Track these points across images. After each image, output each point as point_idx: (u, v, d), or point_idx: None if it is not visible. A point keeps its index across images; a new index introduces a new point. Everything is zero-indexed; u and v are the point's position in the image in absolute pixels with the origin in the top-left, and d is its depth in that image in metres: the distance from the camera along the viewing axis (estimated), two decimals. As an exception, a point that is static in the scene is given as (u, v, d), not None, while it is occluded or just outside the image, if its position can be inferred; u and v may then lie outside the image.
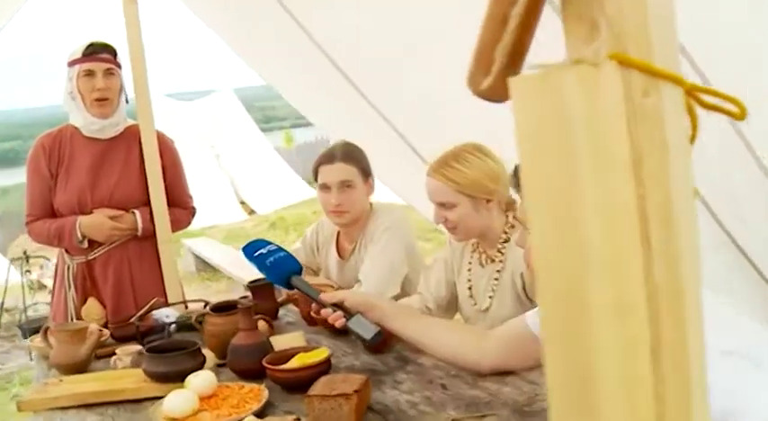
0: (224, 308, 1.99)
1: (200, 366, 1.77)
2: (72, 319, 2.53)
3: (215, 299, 2.37)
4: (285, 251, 1.83)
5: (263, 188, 10.91)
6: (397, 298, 2.26)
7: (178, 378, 1.70)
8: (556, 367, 0.50)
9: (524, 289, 1.91)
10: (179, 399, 1.57)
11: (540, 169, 0.47)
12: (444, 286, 2.15)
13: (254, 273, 2.09)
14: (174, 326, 2.29)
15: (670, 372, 0.47)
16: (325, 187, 2.34)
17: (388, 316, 1.66)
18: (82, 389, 1.78)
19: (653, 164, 0.47)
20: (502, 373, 1.60)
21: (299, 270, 1.80)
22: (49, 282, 4.68)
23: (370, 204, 2.44)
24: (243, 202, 11.23)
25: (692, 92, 0.51)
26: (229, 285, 5.96)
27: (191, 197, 2.75)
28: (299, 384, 1.65)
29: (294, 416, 1.44)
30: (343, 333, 2.02)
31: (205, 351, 1.85)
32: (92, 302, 2.48)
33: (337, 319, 1.66)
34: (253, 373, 1.76)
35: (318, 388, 1.49)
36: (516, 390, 1.52)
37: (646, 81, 0.47)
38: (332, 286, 2.29)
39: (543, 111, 0.46)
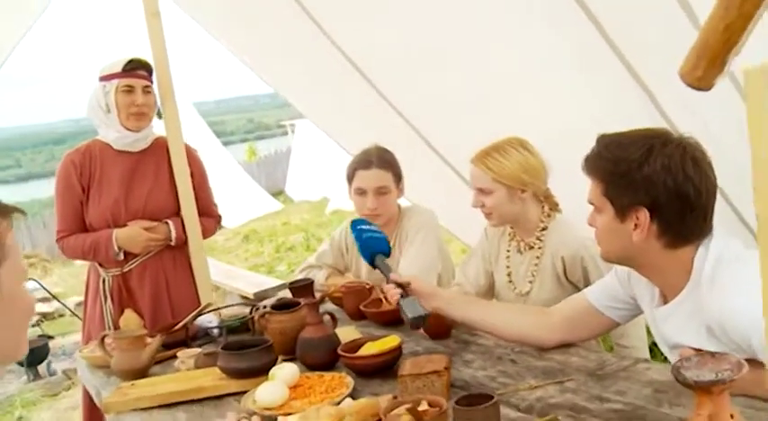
0: (283, 306, 2.10)
1: (275, 361, 1.87)
2: (110, 330, 2.59)
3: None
4: (382, 235, 1.93)
5: (229, 202, 10.81)
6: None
7: (255, 373, 1.81)
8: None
9: (565, 272, 2.09)
10: (270, 390, 1.68)
11: None
12: (483, 275, 2.32)
13: (251, 284, 2.14)
14: (217, 330, 2.38)
15: None
16: (360, 191, 2.46)
17: (451, 304, 1.79)
18: (163, 389, 1.86)
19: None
20: (562, 346, 1.76)
21: (387, 253, 1.90)
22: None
23: (398, 206, 2.58)
24: (210, 217, 11.14)
25: None
26: (219, 296, 5.99)
27: (216, 205, 2.85)
28: (376, 369, 1.78)
29: (392, 395, 1.56)
30: (390, 324, 2.17)
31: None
32: (129, 313, 2.53)
33: (394, 296, 1.77)
34: (324, 365, 1.87)
35: (408, 368, 1.61)
36: (583, 359, 1.69)
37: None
38: (365, 284, 2.43)
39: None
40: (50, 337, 5.84)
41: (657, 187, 1.38)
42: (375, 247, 1.89)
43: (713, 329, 1.33)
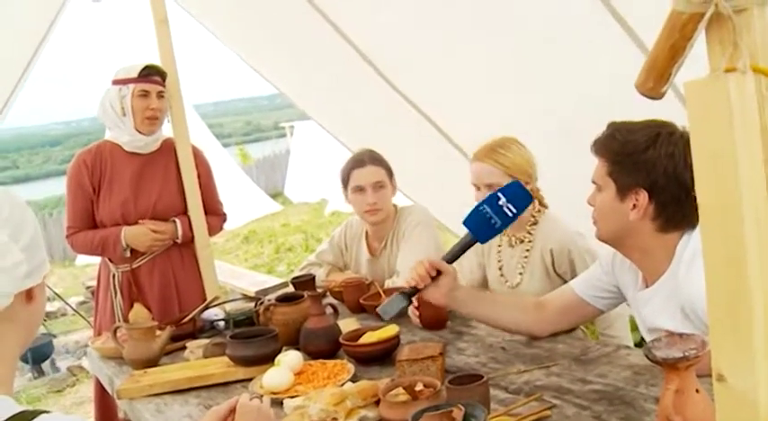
0: (286, 299, 2.22)
1: (279, 349, 1.99)
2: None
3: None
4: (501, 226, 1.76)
5: (229, 204, 10.90)
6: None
7: (262, 361, 1.92)
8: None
9: (553, 265, 2.21)
10: (277, 375, 1.80)
11: (707, 139, 0.76)
12: (477, 268, 2.44)
13: (253, 283, 2.18)
14: (223, 323, 2.50)
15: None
16: (359, 189, 2.57)
17: (463, 302, 1.86)
18: (175, 376, 1.98)
19: (772, 132, 0.76)
20: (550, 335, 1.89)
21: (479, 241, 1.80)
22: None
23: (394, 205, 2.69)
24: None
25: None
26: (222, 295, 6.09)
27: (221, 204, 2.97)
28: (375, 357, 1.91)
29: (390, 379, 1.68)
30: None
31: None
32: (138, 307, 2.65)
33: (411, 281, 1.77)
34: (326, 353, 1.99)
35: (405, 354, 1.73)
36: (568, 346, 1.81)
37: (767, 81, 0.76)
38: (365, 280, 2.54)
39: (711, 101, 0.75)
40: (54, 336, 5.95)
41: (658, 171, 1.49)
42: (481, 231, 1.73)
43: (687, 313, 1.46)
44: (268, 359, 1.91)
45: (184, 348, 2.22)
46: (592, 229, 1.73)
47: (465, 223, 1.75)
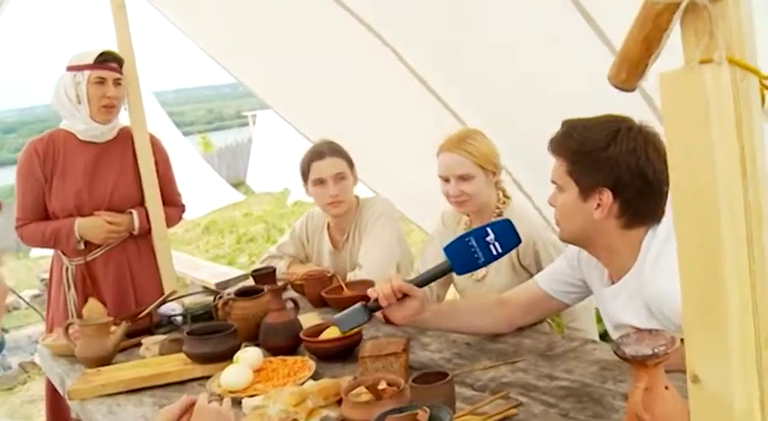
0: (246, 293, 2.16)
1: (238, 346, 1.93)
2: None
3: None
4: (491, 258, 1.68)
5: (190, 193, 10.76)
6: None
7: (220, 358, 1.87)
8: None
9: (518, 257, 2.19)
10: (236, 373, 1.74)
11: (682, 131, 0.73)
12: (441, 260, 2.40)
13: (213, 275, 2.11)
14: (181, 318, 2.42)
15: None
16: (320, 182, 2.52)
17: (426, 322, 1.80)
18: (129, 375, 1.91)
19: (747, 122, 0.74)
20: (515, 330, 1.87)
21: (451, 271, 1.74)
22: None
23: (356, 197, 2.65)
24: (170, 208, 11.08)
25: (761, 80, 0.78)
26: (180, 287, 5.99)
27: (180, 195, 2.89)
28: (336, 353, 1.87)
29: (353, 377, 1.64)
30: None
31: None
32: (93, 301, 2.57)
33: (372, 293, 1.69)
34: (286, 349, 1.94)
35: (368, 350, 1.70)
36: (534, 341, 1.80)
37: (742, 72, 0.74)
38: (326, 272, 2.50)
39: (686, 92, 0.72)
40: (6, 331, 5.77)
41: (621, 168, 1.47)
42: (460, 260, 1.66)
43: (652, 310, 1.45)
44: (226, 356, 1.86)
45: (140, 345, 2.15)
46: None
47: (446, 250, 1.68)
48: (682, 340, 1.25)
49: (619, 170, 1.48)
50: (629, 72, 0.77)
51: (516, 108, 3.01)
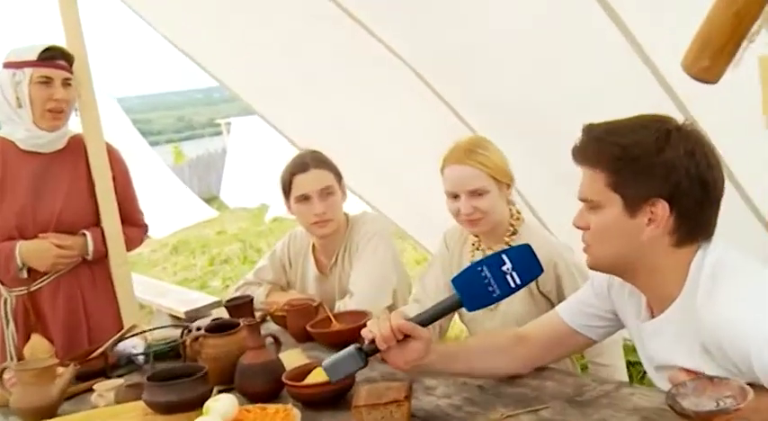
0: (218, 328, 2.02)
1: (210, 392, 1.78)
2: (12, 359, 2.45)
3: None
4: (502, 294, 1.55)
5: (157, 209, 10.66)
6: (390, 309, 2.36)
7: (187, 407, 1.71)
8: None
9: (536, 282, 2.06)
10: (205, 427, 1.59)
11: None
12: (444, 290, 2.27)
13: (181, 302, 2.00)
14: (142, 357, 2.27)
15: None
16: (304, 198, 2.41)
17: (432, 366, 1.65)
18: (76, 430, 1.75)
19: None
20: (535, 369, 1.73)
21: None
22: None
23: (345, 214, 2.53)
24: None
25: None
26: (145, 316, 5.82)
27: (142, 213, 2.77)
28: (326, 400, 1.72)
29: (344, 430, 1.49)
30: (341, 346, 2.09)
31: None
32: (36, 339, 2.39)
33: (368, 335, 1.56)
34: (266, 395, 1.80)
35: (364, 397, 1.56)
36: (559, 383, 1.66)
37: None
38: (312, 301, 2.36)
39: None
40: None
41: (679, 173, 1.33)
42: (470, 293, 1.53)
43: (708, 347, 1.30)
44: (195, 405, 1.70)
45: (92, 390, 1.98)
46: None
47: (454, 282, 1.54)
48: (753, 387, 1.12)
49: (677, 176, 1.33)
50: (714, 57, 0.64)
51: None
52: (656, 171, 1.33)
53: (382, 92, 3.26)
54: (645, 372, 3.15)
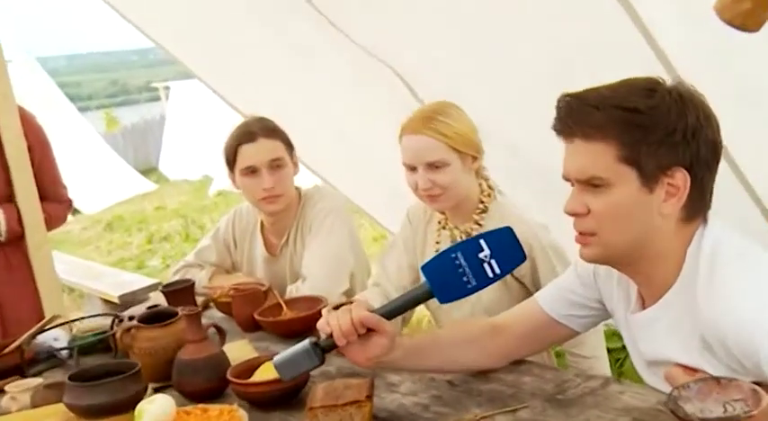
0: (154, 318, 1.95)
1: (143, 392, 1.71)
2: None
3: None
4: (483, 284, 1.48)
5: (87, 182, 10.53)
6: (347, 294, 2.32)
7: (116, 410, 1.65)
8: None
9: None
10: (137, 433, 1.52)
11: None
12: (407, 272, 2.25)
13: (115, 285, 1.93)
14: (66, 351, 2.18)
15: None
16: (251, 171, 2.36)
17: (398, 362, 1.62)
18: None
19: None
20: (511, 362, 1.69)
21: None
22: None
23: (297, 189, 2.49)
24: (63, 201, 10.85)
25: None
26: (73, 301, 5.71)
27: (65, 187, 2.74)
28: (276, 399, 1.67)
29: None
30: (293, 336, 2.04)
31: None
32: (-62, 332, 2.33)
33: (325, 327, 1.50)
34: (208, 394, 1.76)
35: (320, 398, 1.51)
36: (538, 379, 1.62)
37: None
38: (261, 285, 2.31)
39: None
40: None
41: (698, 139, 1.29)
42: (442, 282, 1.45)
43: (708, 341, 1.25)
44: (125, 408, 1.63)
45: (4, 392, 1.89)
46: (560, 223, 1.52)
47: (424, 269, 1.47)
48: (763, 387, 1.07)
49: (697, 141, 1.28)
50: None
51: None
52: (677, 137, 1.27)
53: (330, 54, 3.19)
54: (623, 360, 3.18)
